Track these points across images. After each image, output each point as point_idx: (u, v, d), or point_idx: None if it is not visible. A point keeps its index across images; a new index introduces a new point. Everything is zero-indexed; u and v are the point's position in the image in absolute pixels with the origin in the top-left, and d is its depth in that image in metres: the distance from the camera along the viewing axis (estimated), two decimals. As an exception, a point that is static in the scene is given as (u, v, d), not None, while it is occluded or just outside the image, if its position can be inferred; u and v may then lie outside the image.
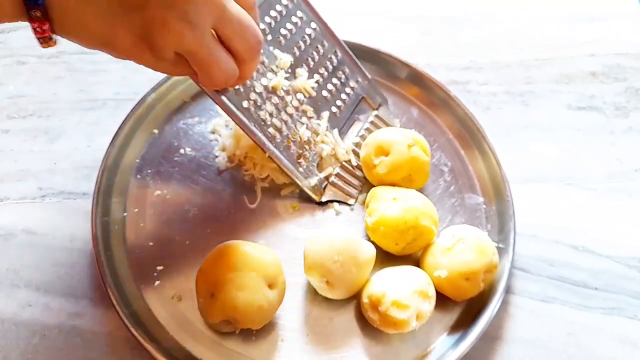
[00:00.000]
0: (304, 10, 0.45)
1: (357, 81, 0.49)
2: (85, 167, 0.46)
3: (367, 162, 0.45)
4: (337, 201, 0.45)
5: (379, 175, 0.44)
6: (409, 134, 0.44)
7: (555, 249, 0.45)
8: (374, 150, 0.44)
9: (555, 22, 0.60)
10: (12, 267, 0.41)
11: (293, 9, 0.45)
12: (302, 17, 0.45)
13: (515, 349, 0.40)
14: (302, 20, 0.45)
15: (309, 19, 0.46)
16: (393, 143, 0.43)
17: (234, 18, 0.31)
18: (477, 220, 0.45)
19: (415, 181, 0.44)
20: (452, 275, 0.39)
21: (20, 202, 0.45)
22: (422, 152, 0.43)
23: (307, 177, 0.44)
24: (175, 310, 0.39)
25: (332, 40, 0.47)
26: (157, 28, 0.29)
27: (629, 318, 0.42)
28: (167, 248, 0.42)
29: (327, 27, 0.47)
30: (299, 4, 0.45)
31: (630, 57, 0.58)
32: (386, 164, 0.43)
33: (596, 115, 0.53)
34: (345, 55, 0.48)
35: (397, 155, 0.43)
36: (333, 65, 0.47)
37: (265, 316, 0.37)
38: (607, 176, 0.49)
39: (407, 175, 0.43)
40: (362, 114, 0.49)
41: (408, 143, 0.43)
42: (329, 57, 0.47)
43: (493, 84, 0.55)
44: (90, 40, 0.30)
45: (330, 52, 0.47)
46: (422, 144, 0.44)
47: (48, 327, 0.39)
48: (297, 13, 0.45)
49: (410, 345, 0.39)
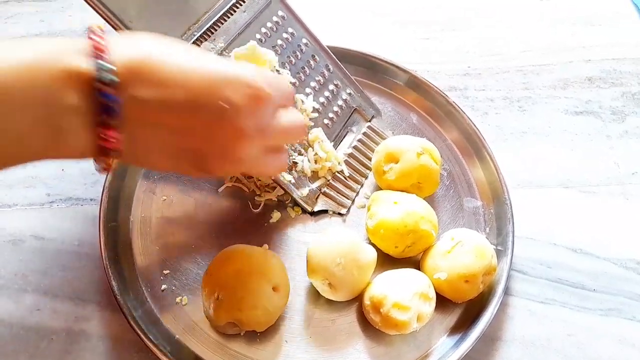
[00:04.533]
0: (294, 27, 0.46)
1: (349, 94, 0.49)
2: (93, 174, 0.47)
3: (377, 168, 0.45)
4: (330, 211, 0.46)
5: (388, 181, 0.44)
6: (419, 142, 0.44)
7: (553, 251, 0.46)
8: (384, 157, 0.44)
9: (552, 27, 0.61)
10: (20, 271, 0.42)
11: (284, 25, 0.46)
12: (293, 32, 0.46)
13: (515, 350, 0.41)
14: (294, 36, 0.46)
15: (300, 35, 0.46)
16: (403, 151, 0.44)
17: (277, 134, 0.33)
18: (476, 224, 0.46)
19: (424, 189, 0.44)
20: (451, 277, 0.39)
21: (28, 208, 0.45)
22: (431, 161, 0.44)
23: (299, 187, 0.45)
24: (181, 314, 0.40)
25: (323, 54, 0.48)
26: (216, 169, 0.32)
27: (627, 319, 0.43)
28: (173, 252, 0.43)
29: (318, 42, 0.48)
30: (290, 21, 0.46)
31: (626, 61, 0.58)
32: (395, 171, 0.44)
33: (593, 119, 0.54)
34: (336, 69, 0.49)
35: (407, 162, 0.43)
36: (325, 78, 0.48)
37: (270, 318, 0.38)
38: (605, 180, 0.50)
39: (416, 183, 0.44)
40: (355, 125, 0.49)
41: (417, 151, 0.43)
42: (320, 71, 0.48)
43: (491, 90, 0.56)
44: (156, 170, 0.38)
45: (322, 66, 0.48)
46: (433, 153, 0.44)
47: (56, 331, 0.40)
48: (289, 29, 0.46)
49: (411, 347, 0.40)
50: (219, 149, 0.31)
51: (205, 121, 0.29)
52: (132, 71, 0.27)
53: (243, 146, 0.31)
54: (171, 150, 0.30)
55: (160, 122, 0.29)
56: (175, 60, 0.28)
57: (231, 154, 0.31)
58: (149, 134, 0.29)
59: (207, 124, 0.29)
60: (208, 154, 0.31)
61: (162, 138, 0.29)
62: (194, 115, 0.29)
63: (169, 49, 0.29)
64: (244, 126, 0.30)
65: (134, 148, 0.29)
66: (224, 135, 0.30)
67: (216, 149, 0.31)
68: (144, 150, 0.30)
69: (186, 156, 0.31)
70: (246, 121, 0.30)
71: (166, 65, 0.28)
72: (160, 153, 0.30)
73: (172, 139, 0.30)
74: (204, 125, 0.29)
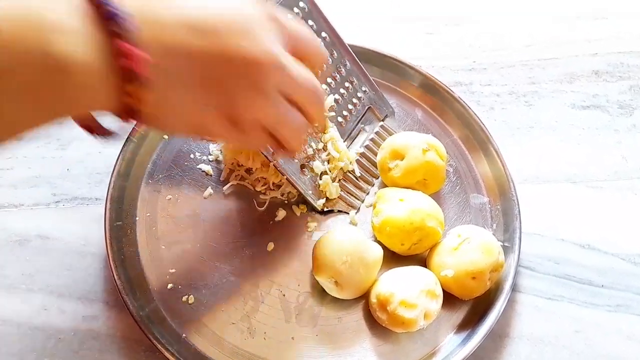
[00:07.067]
0: (315, 19, 0.45)
1: (364, 91, 0.48)
2: (98, 173, 0.47)
3: (382, 165, 0.45)
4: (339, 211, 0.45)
5: (393, 178, 0.44)
6: (424, 138, 0.44)
7: (561, 247, 0.45)
8: (390, 153, 0.44)
9: (558, 21, 0.61)
10: (26, 271, 0.42)
11: (305, 17, 0.44)
12: (313, 25, 0.45)
13: (523, 347, 0.41)
14: (313, 29, 0.45)
15: (319, 28, 0.45)
16: (408, 147, 0.43)
17: (298, 82, 0.32)
18: (483, 220, 0.45)
19: (430, 185, 0.44)
20: (458, 274, 0.39)
21: (34, 208, 0.45)
22: (437, 157, 0.44)
23: (310, 187, 0.44)
24: (188, 312, 0.40)
25: (342, 50, 0.47)
26: (240, 104, 0.30)
27: (635, 315, 0.42)
28: (178, 251, 0.43)
29: (338, 37, 0.46)
30: (310, 13, 0.45)
31: (633, 55, 0.58)
32: (401, 168, 0.43)
33: (600, 114, 0.54)
34: (354, 65, 0.48)
35: (412, 159, 0.43)
36: (341, 75, 0.47)
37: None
38: (612, 174, 0.50)
39: (421, 179, 0.43)
40: (368, 124, 0.49)
41: (423, 148, 0.43)
42: (337, 67, 0.47)
43: (497, 85, 0.55)
44: (184, 128, 0.32)
45: (339, 62, 0.47)
46: (438, 149, 0.44)
47: (63, 330, 0.40)
48: (309, 22, 0.45)
49: (418, 344, 0.40)
50: (246, 76, 0.30)
51: (231, 43, 0.28)
52: (144, 9, 0.26)
53: (268, 72, 0.30)
54: (197, 88, 0.29)
55: (184, 46, 0.27)
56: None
57: (257, 81, 0.30)
58: (173, 63, 0.27)
59: (232, 47, 0.28)
60: (234, 86, 0.29)
61: (187, 70, 0.28)
62: (218, 38, 0.28)
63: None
64: (268, 46, 0.29)
65: (160, 80, 0.27)
66: (251, 57, 0.29)
67: (242, 76, 0.29)
68: (170, 86, 0.28)
69: (213, 95, 0.30)
70: (271, 43, 0.30)
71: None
72: (184, 89, 0.29)
73: (197, 70, 0.28)
74: (230, 49, 0.28)
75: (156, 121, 0.30)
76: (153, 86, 0.26)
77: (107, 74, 0.25)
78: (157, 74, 0.27)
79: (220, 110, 0.30)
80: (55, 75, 0.24)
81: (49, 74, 0.24)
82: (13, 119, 0.25)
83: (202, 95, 0.29)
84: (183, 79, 0.28)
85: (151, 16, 0.27)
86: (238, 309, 0.40)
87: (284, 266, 0.42)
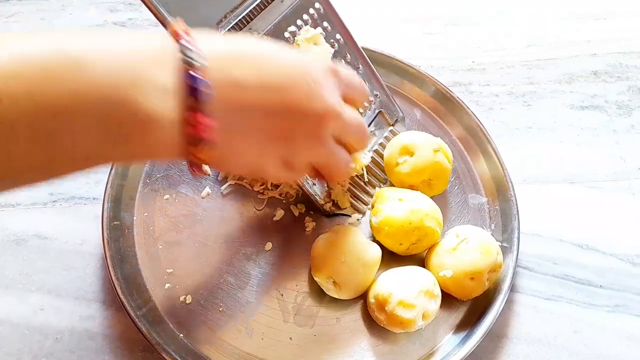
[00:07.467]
0: (330, 21, 0.44)
1: (376, 95, 0.48)
2: (95, 173, 0.47)
3: (389, 162, 0.45)
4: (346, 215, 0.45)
5: (400, 175, 0.44)
6: (435, 139, 0.44)
7: (559, 247, 0.45)
8: (399, 150, 0.44)
9: (557, 22, 0.61)
10: (24, 271, 0.42)
11: (319, 18, 0.44)
12: (327, 27, 0.44)
13: (521, 347, 0.41)
14: (327, 31, 0.44)
15: (334, 31, 0.45)
16: (419, 145, 0.43)
17: (350, 126, 0.34)
18: (481, 220, 0.45)
19: (434, 187, 0.44)
20: (457, 274, 0.39)
21: (31, 207, 0.45)
22: (445, 159, 0.44)
23: (319, 191, 0.44)
24: (185, 312, 0.40)
25: (356, 52, 0.46)
26: (301, 152, 0.33)
27: (634, 315, 0.42)
28: (176, 251, 0.42)
29: (352, 39, 0.46)
30: (325, 14, 0.44)
31: (632, 55, 0.58)
32: (410, 164, 0.43)
33: (599, 114, 0.54)
34: (366, 68, 0.47)
35: (422, 157, 0.43)
36: None
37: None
38: (611, 175, 0.50)
39: (427, 179, 0.43)
40: (378, 128, 0.48)
41: (434, 147, 0.43)
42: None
43: (495, 85, 0.55)
44: (241, 169, 0.35)
45: (352, 65, 0.46)
46: (446, 152, 0.44)
47: (60, 330, 0.40)
48: (323, 23, 0.44)
49: (416, 344, 0.40)
50: (308, 128, 0.32)
51: (297, 99, 0.30)
52: (220, 57, 0.28)
53: (328, 122, 0.32)
54: (262, 137, 0.30)
55: (255, 103, 0.29)
56: (258, 47, 0.31)
57: (317, 131, 0.32)
58: (243, 118, 0.29)
59: (298, 102, 0.30)
60: (297, 136, 0.32)
61: (255, 122, 0.30)
62: (287, 94, 0.30)
63: (245, 41, 0.31)
64: (328, 100, 0.32)
65: (226, 137, 0.29)
66: (313, 111, 0.31)
67: (305, 127, 0.32)
68: (236, 138, 0.30)
69: (276, 144, 0.31)
70: (330, 96, 0.32)
71: (254, 50, 0.30)
72: (250, 139, 0.30)
73: (265, 123, 0.30)
74: (296, 103, 0.30)
75: (219, 165, 0.33)
76: (217, 145, 0.28)
77: (178, 136, 0.27)
78: (224, 132, 0.28)
79: (280, 156, 0.32)
80: (140, 127, 0.26)
81: (135, 125, 0.26)
82: (88, 153, 0.26)
83: (267, 145, 0.31)
84: (250, 132, 0.30)
85: (227, 79, 0.28)
86: (236, 309, 0.40)
87: (282, 266, 0.42)
